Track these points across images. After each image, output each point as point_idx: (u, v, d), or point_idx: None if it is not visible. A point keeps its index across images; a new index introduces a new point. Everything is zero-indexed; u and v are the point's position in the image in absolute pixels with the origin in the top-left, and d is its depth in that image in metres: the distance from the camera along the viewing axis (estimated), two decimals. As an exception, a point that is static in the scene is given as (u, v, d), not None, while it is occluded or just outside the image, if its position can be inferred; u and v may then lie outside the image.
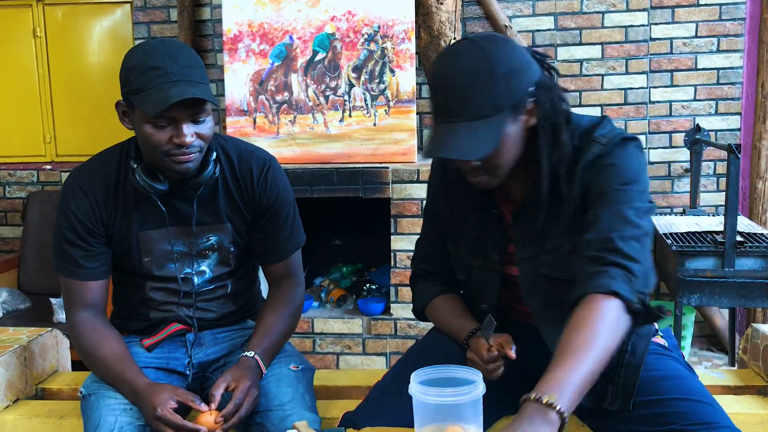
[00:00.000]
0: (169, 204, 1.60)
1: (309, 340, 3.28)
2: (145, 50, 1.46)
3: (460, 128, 1.30)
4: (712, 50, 3.60)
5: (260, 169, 1.65)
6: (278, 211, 1.67)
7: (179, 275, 1.65)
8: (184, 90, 1.41)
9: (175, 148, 1.47)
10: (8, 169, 4.00)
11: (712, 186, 3.67)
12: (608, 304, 1.24)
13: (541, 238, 1.44)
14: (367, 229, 3.64)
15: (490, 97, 1.29)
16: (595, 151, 1.36)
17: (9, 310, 3.34)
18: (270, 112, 3.25)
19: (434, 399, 1.24)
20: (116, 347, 1.58)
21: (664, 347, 1.54)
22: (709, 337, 3.69)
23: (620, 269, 1.26)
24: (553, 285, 1.44)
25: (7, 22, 3.99)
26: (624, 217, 1.31)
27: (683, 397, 1.37)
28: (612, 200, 1.32)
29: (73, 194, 1.59)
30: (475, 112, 1.29)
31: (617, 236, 1.28)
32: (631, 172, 1.35)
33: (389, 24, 3.15)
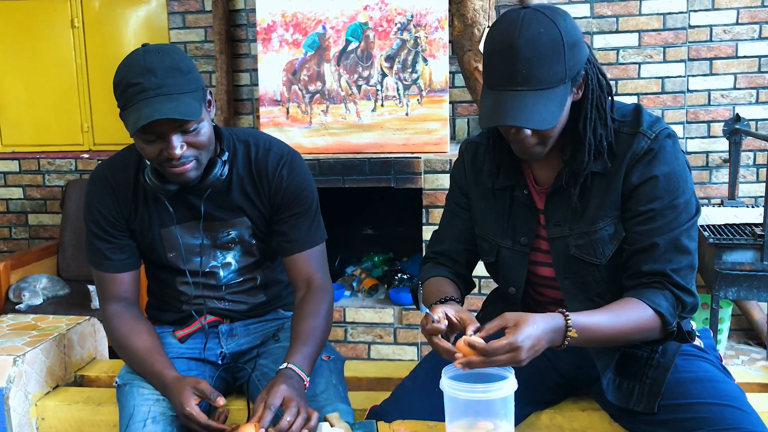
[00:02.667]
0: (184, 200, 1.61)
1: (341, 329, 3.31)
2: (127, 65, 1.45)
3: (528, 97, 1.29)
4: (754, 37, 3.51)
5: (276, 163, 1.63)
6: (296, 204, 1.64)
7: (205, 269, 1.67)
8: (156, 109, 1.39)
9: (166, 161, 1.46)
10: (47, 157, 4.08)
11: (751, 177, 3.60)
12: (650, 315, 1.35)
13: (574, 218, 1.45)
14: (399, 219, 3.64)
15: (557, 68, 1.29)
16: (643, 145, 1.38)
17: (49, 296, 3.42)
18: (303, 102, 3.26)
19: (465, 395, 1.24)
20: (147, 340, 1.61)
21: (698, 348, 1.52)
22: (746, 330, 3.63)
23: (673, 297, 1.37)
24: (581, 267, 1.46)
25: (46, 13, 4.05)
26: (679, 246, 1.38)
27: (712, 401, 1.35)
28: (666, 223, 1.37)
29: (97, 189, 1.63)
30: (543, 82, 1.29)
31: (672, 270, 1.37)
32: (681, 181, 1.39)
33: (422, 13, 3.13)
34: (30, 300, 3.34)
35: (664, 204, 1.37)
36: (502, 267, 1.57)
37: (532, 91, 1.29)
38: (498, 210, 1.55)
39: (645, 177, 1.38)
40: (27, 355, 1.74)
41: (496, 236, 1.56)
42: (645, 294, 1.36)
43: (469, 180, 1.60)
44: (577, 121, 1.38)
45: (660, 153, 1.37)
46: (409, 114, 3.19)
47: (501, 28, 1.32)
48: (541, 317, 1.26)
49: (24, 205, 4.13)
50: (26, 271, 3.55)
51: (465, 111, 3.71)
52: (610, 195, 1.41)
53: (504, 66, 1.30)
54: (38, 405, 1.76)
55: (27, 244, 4.14)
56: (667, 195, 1.37)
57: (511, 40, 1.28)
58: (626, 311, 1.35)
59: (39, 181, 4.10)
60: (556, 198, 1.47)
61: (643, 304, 1.35)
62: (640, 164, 1.38)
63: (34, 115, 4.16)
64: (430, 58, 3.15)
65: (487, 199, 1.57)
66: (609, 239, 1.42)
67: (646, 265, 1.38)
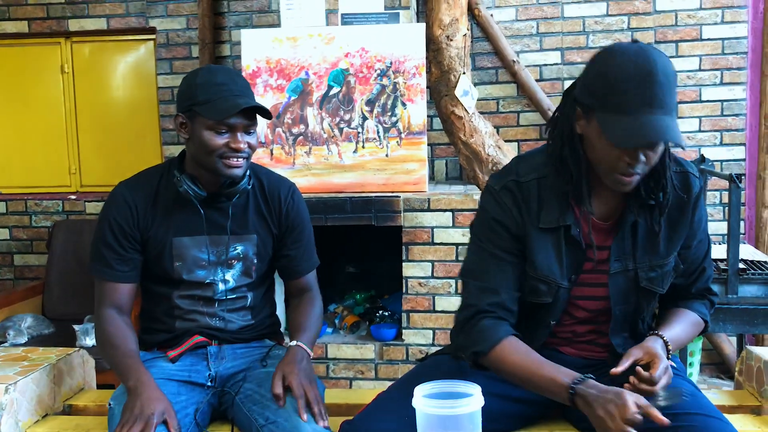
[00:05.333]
0: (205, 212, 1.78)
1: (323, 365, 3.37)
2: (210, 71, 1.73)
3: (665, 119, 1.37)
4: (716, 83, 3.70)
5: (287, 191, 1.89)
6: (300, 231, 1.89)
7: (205, 281, 1.81)
8: (247, 101, 1.69)
9: (229, 152, 1.70)
10: (35, 198, 4.15)
11: (718, 215, 3.74)
12: (700, 321, 1.70)
13: (643, 252, 1.59)
14: (380, 257, 3.73)
15: (675, 97, 1.44)
16: (698, 184, 1.61)
17: (33, 335, 3.45)
18: (286, 144, 3.38)
19: (436, 410, 1.33)
20: (131, 344, 1.74)
21: (674, 368, 1.62)
22: (717, 364, 3.73)
23: (709, 302, 1.72)
24: (643, 296, 1.62)
25: (37, 58, 4.17)
26: (712, 265, 1.72)
27: (696, 412, 1.47)
28: (707, 251, 1.67)
29: (117, 202, 1.78)
30: (672, 107, 1.41)
31: (710, 284, 1.72)
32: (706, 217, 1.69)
33: (401, 60, 3.28)
34: (15, 338, 3.37)
35: (705, 235, 1.66)
36: (553, 306, 1.59)
37: (666, 116, 1.38)
38: (551, 249, 1.56)
39: (701, 214, 1.62)
40: (18, 384, 1.80)
41: (556, 277, 1.56)
42: (692, 306, 1.68)
43: (521, 220, 1.56)
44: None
45: (703, 193, 1.63)
46: (389, 155, 3.31)
47: (632, 56, 1.38)
48: (655, 345, 1.53)
49: (10, 246, 4.19)
50: (11, 311, 3.58)
51: (443, 153, 3.85)
52: (679, 229, 1.60)
53: (642, 90, 1.36)
54: (28, 432, 1.81)
55: (12, 284, 4.17)
56: (706, 226, 1.66)
57: (647, 68, 1.36)
58: (688, 322, 1.65)
59: (26, 222, 4.16)
60: (621, 233, 1.58)
61: (694, 314, 1.67)
62: (699, 201, 1.61)
63: (23, 157, 4.24)
64: (409, 102, 3.29)
65: (541, 239, 1.56)
66: (673, 270, 1.63)
67: (697, 287, 1.68)
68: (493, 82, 3.78)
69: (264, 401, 1.68)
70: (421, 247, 3.25)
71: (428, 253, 3.25)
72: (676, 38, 3.68)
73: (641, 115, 1.37)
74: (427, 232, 3.23)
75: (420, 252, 3.25)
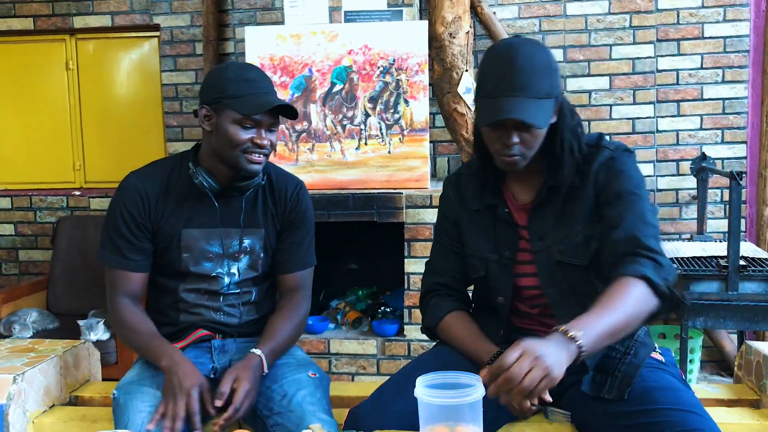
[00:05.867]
0: (219, 204, 1.80)
1: (325, 360, 3.39)
2: (240, 67, 1.77)
3: (524, 101, 1.49)
4: (718, 81, 3.71)
5: (294, 187, 1.91)
6: (302, 227, 1.90)
7: (212, 273, 1.82)
8: (279, 100, 1.73)
9: (253, 147, 1.72)
10: (39, 194, 4.18)
11: (719, 213, 3.76)
12: (639, 284, 1.45)
13: (555, 229, 1.63)
14: (382, 254, 3.75)
15: (546, 84, 1.52)
16: (606, 154, 1.61)
17: (38, 329, 3.48)
18: (290, 141, 3.40)
19: (438, 400, 1.35)
20: (153, 327, 1.78)
21: (660, 362, 1.65)
22: (718, 362, 3.75)
23: (649, 260, 1.49)
24: (566, 272, 1.62)
25: (42, 55, 4.20)
26: (644, 219, 1.55)
27: (674, 407, 1.47)
28: (630, 203, 1.56)
29: (128, 191, 1.79)
30: (536, 91, 1.50)
31: (641, 235, 1.52)
32: (640, 179, 1.61)
33: (404, 57, 3.30)
34: (20, 333, 3.40)
35: (627, 191, 1.57)
36: (492, 279, 1.72)
37: (527, 98, 1.50)
38: (483, 228, 1.73)
39: (610, 174, 1.59)
40: (26, 374, 1.82)
41: (484, 252, 1.72)
42: (624, 269, 1.47)
43: (457, 207, 1.78)
44: (554, 143, 1.60)
45: (620, 159, 1.61)
46: (391, 152, 3.33)
47: (498, 49, 1.56)
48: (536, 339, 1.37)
49: (15, 241, 4.22)
50: (16, 305, 3.61)
51: (445, 150, 3.87)
52: (583, 202, 1.62)
53: (503, 76, 1.51)
54: (36, 422, 1.84)
55: (17, 279, 4.20)
56: (629, 185, 1.58)
57: (509, 55, 1.51)
58: (616, 294, 1.43)
59: (30, 218, 4.19)
60: (537, 214, 1.66)
61: (626, 278, 1.45)
62: (604, 168, 1.60)
63: (28, 153, 4.27)
64: (411, 99, 3.31)
65: (473, 220, 1.75)
66: (587, 241, 1.61)
67: (617, 234, 1.53)
68: (496, 79, 3.79)
69: (268, 393, 1.71)
70: (423, 244, 3.27)
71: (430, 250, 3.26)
72: (678, 36, 3.70)
73: (500, 98, 1.50)
74: (429, 228, 3.25)
75: (422, 248, 3.27)
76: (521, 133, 1.53)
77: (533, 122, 1.50)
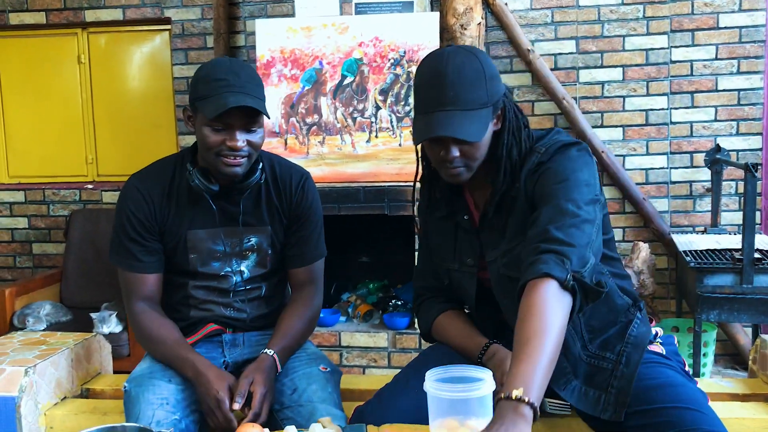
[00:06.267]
0: (218, 205, 1.76)
1: (336, 353, 3.39)
2: (213, 65, 1.68)
3: (456, 115, 1.44)
4: (733, 72, 3.66)
5: (298, 180, 1.84)
6: (310, 220, 1.85)
7: (220, 273, 1.80)
8: (240, 99, 1.60)
9: (226, 149, 1.64)
10: (52, 188, 4.20)
11: (734, 205, 3.71)
12: (544, 286, 1.30)
13: (500, 241, 1.56)
14: (393, 247, 3.75)
15: (480, 93, 1.45)
16: (534, 159, 1.51)
17: (51, 322, 3.51)
18: (300, 134, 3.39)
19: (448, 394, 1.34)
20: (175, 332, 1.75)
21: (660, 355, 1.59)
22: (733, 355, 3.71)
23: (552, 254, 1.34)
24: (513, 284, 1.44)
25: (54, 49, 4.21)
26: (561, 209, 1.40)
27: (672, 405, 1.41)
28: (550, 198, 1.44)
29: (132, 195, 1.76)
30: (469, 103, 1.44)
31: (553, 227, 1.38)
32: (566, 170, 1.47)
33: (414, 49, 3.29)
34: (33, 325, 3.43)
35: (552, 185, 1.45)
36: (456, 288, 1.68)
37: (459, 111, 1.44)
38: (446, 235, 1.68)
39: (535, 178, 1.49)
40: (38, 367, 1.83)
41: (446, 261, 1.68)
42: (526, 274, 1.34)
43: (425, 212, 1.73)
44: (496, 148, 1.53)
45: (551, 157, 1.49)
46: (402, 144, 3.32)
47: (429, 61, 1.50)
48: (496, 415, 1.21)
49: (28, 235, 4.24)
50: (30, 298, 3.64)
51: (457, 142, 3.84)
52: (519, 213, 1.52)
53: (433, 91, 1.46)
54: (47, 414, 1.85)
55: (31, 272, 4.23)
56: (554, 179, 1.46)
57: (438, 68, 1.46)
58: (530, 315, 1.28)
59: (44, 211, 4.22)
60: (485, 224, 1.60)
61: (531, 283, 1.31)
62: (531, 173, 1.50)
63: (41, 147, 4.29)
64: (422, 91, 3.29)
65: (437, 227, 1.70)
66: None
67: (531, 231, 1.42)
68: (508, 71, 3.77)
69: (279, 387, 1.71)
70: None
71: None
72: (693, 27, 3.65)
73: (432, 113, 1.45)
74: (441, 221, 3.23)
75: (433, 241, 3.25)
76: (460, 146, 1.47)
77: (465, 138, 1.43)
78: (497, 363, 1.53)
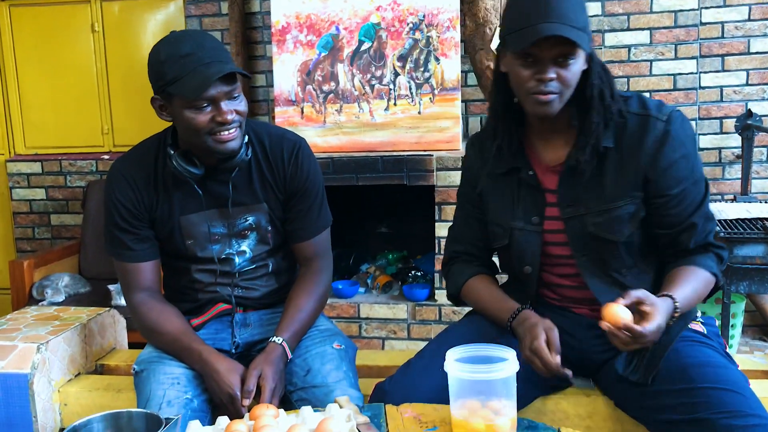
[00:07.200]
0: (206, 188, 1.67)
1: (355, 325, 3.36)
2: (171, 43, 1.55)
3: (560, 27, 1.38)
4: (766, 33, 3.52)
5: (291, 151, 1.72)
6: (308, 192, 1.74)
7: (221, 256, 1.73)
8: (220, 68, 1.50)
9: (217, 126, 1.55)
10: (69, 159, 4.18)
11: (765, 173, 3.60)
12: (709, 277, 1.51)
13: (590, 196, 1.52)
14: (412, 217, 3.68)
15: (581, 16, 1.43)
16: (660, 127, 1.48)
17: (71, 293, 3.51)
18: (317, 102, 3.31)
19: (469, 375, 1.29)
20: (178, 322, 1.68)
21: (702, 334, 1.55)
22: (761, 326, 3.63)
23: (716, 256, 1.53)
24: (600, 244, 1.52)
25: (67, 18, 4.15)
26: (708, 216, 1.53)
27: (712, 385, 1.38)
28: (695, 201, 1.51)
29: (117, 183, 1.68)
30: (575, 20, 1.40)
31: (711, 237, 1.54)
32: (696, 157, 1.53)
33: (434, 13, 3.18)
34: (52, 297, 3.43)
35: (690, 183, 1.50)
36: (516, 249, 1.62)
37: (563, 24, 1.38)
38: (507, 194, 1.62)
39: (671, 161, 1.48)
40: (50, 343, 1.80)
41: (508, 219, 1.61)
42: (698, 261, 1.51)
43: (478, 170, 1.67)
44: (584, 90, 1.48)
45: (676, 134, 1.48)
46: (421, 112, 3.23)
47: None
48: (661, 304, 1.38)
49: (46, 206, 4.23)
50: (49, 270, 3.64)
51: (477, 109, 3.75)
52: (628, 175, 1.49)
53: (536, 5, 1.40)
54: (61, 391, 1.83)
55: (50, 243, 4.23)
56: (690, 174, 1.50)
57: None
58: (696, 279, 1.48)
59: (61, 182, 4.20)
60: (568, 178, 1.54)
61: (702, 270, 1.50)
62: (663, 148, 1.48)
63: (56, 117, 4.26)
64: (442, 57, 3.19)
65: (495, 185, 1.64)
66: (628, 218, 1.50)
67: (692, 242, 1.52)
68: (530, 35, 3.65)
69: (292, 368, 1.66)
70: (454, 207, 3.18)
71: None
72: (724, -14, 3.51)
73: (535, 26, 1.39)
74: (461, 191, 3.16)
75: (453, 212, 3.17)
76: (557, 69, 1.43)
77: (577, 40, 1.37)
78: (528, 328, 1.49)
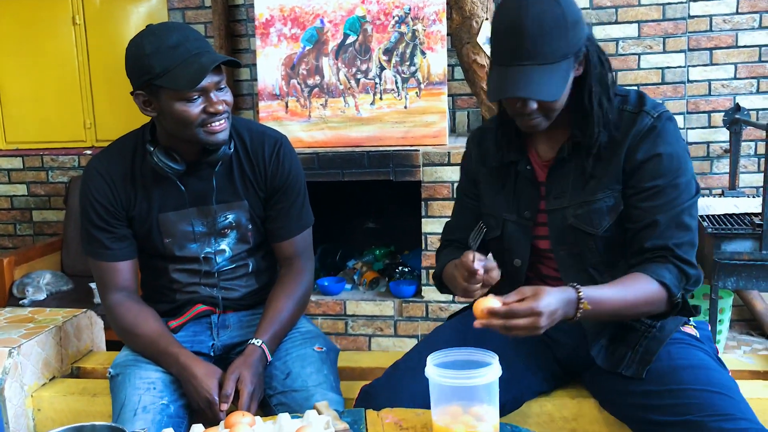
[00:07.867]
0: (187, 185, 1.64)
1: (341, 322, 3.32)
2: (155, 35, 1.51)
3: (533, 71, 1.36)
4: (754, 27, 3.50)
5: (272, 147, 1.69)
6: (289, 190, 1.71)
7: (200, 255, 1.69)
8: (211, 58, 1.48)
9: (209, 117, 1.53)
10: (50, 154, 4.11)
11: (752, 167, 3.59)
12: (656, 287, 1.40)
13: (575, 189, 1.50)
14: (399, 213, 3.65)
15: (561, 44, 1.37)
16: (647, 121, 1.45)
17: (52, 291, 3.45)
18: (302, 96, 3.27)
19: (450, 381, 1.25)
20: (154, 324, 1.64)
21: (694, 337, 1.54)
22: (748, 321, 3.63)
23: (677, 269, 1.42)
24: (578, 237, 1.50)
25: (48, 10, 4.07)
26: (680, 223, 1.43)
27: (702, 388, 1.38)
28: (668, 201, 1.43)
29: (93, 180, 1.64)
30: (548, 57, 1.36)
31: (674, 244, 1.43)
32: (683, 161, 1.46)
33: (420, 6, 3.14)
34: (33, 295, 3.37)
35: (666, 182, 1.44)
36: (508, 240, 1.61)
37: (538, 66, 1.36)
38: (503, 186, 1.61)
39: (649, 154, 1.44)
40: (23, 347, 1.76)
41: (502, 211, 1.61)
42: (649, 268, 1.42)
43: (477, 164, 1.67)
44: (581, 96, 1.45)
45: (663, 132, 1.44)
46: (407, 107, 3.19)
47: (507, 7, 1.40)
48: (556, 289, 1.32)
49: (28, 202, 4.17)
50: (30, 267, 3.58)
51: (464, 104, 3.71)
52: (611, 169, 1.47)
53: (511, 43, 1.37)
54: (34, 396, 1.78)
55: (31, 240, 4.17)
56: (669, 173, 1.44)
57: (517, 18, 1.36)
58: (633, 284, 1.40)
59: (42, 178, 4.13)
60: (557, 171, 1.53)
61: (648, 277, 1.40)
62: (645, 141, 1.44)
63: (37, 112, 4.18)
64: (429, 50, 3.15)
65: (493, 178, 1.64)
66: (607, 211, 1.48)
67: (649, 242, 1.44)
68: (517, 28, 3.61)
69: (272, 371, 1.62)
70: (441, 203, 3.15)
71: (448, 209, 3.12)
72: (713, -21, 3.48)
73: (509, 67, 1.38)
74: (447, 187, 3.13)
75: (440, 207, 3.15)
76: (538, 100, 1.41)
77: (542, 98, 1.38)
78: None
